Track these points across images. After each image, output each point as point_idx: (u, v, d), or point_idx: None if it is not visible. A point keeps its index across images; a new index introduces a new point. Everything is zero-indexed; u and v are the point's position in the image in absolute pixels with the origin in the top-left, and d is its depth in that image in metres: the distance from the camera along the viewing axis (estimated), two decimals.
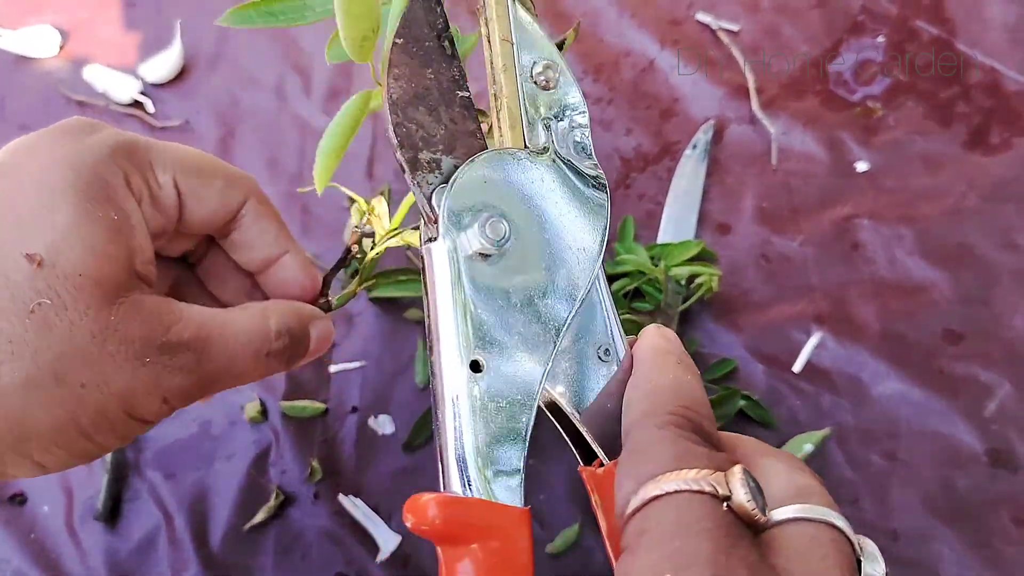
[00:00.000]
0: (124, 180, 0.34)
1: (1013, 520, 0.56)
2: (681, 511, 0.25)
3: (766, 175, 0.68)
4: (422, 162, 0.33)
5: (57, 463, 0.34)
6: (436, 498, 0.30)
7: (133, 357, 0.32)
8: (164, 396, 0.34)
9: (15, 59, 0.75)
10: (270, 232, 0.41)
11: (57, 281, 0.31)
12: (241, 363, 0.36)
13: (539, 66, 0.35)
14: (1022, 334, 0.61)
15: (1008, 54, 0.71)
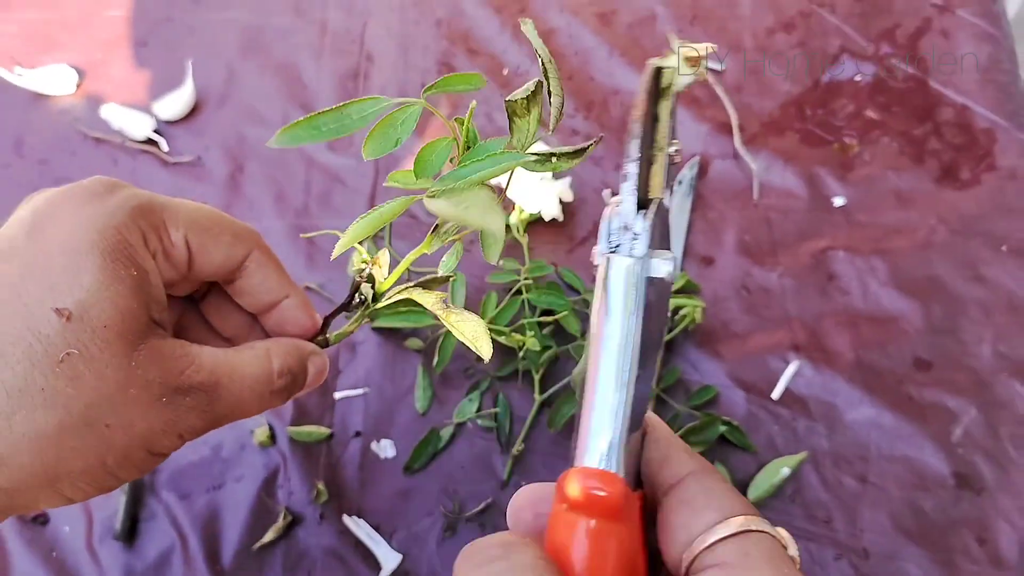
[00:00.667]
0: (142, 240, 0.38)
1: (977, 540, 0.59)
2: (774, 546, 0.32)
3: (748, 209, 0.71)
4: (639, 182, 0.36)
5: (83, 496, 0.37)
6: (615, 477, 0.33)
7: (153, 399, 0.36)
8: (180, 433, 0.37)
9: (33, 97, 0.78)
10: (272, 279, 0.44)
11: (85, 334, 0.34)
12: (247, 403, 0.40)
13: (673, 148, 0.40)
14: (988, 363, 0.64)
15: (979, 93, 0.75)
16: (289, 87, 0.78)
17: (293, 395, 0.43)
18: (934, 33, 0.78)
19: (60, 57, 0.80)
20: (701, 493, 0.34)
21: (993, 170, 0.72)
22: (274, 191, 0.73)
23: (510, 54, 0.79)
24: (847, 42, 0.78)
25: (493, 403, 0.64)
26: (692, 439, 0.60)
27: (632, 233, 0.35)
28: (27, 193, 0.74)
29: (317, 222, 0.72)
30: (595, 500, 0.33)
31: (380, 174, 0.74)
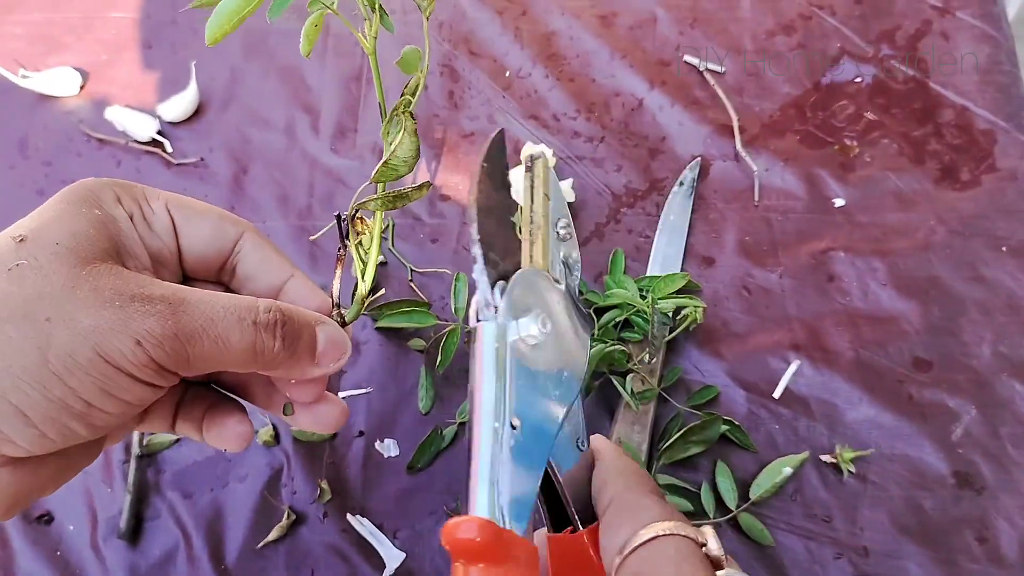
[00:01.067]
0: (115, 198, 0.39)
1: (977, 539, 0.60)
2: (679, 547, 0.33)
3: (748, 210, 0.72)
4: (490, 258, 0.40)
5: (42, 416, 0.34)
6: (481, 522, 0.35)
7: (102, 300, 0.34)
8: (136, 338, 0.34)
9: (38, 98, 0.79)
10: (272, 260, 0.43)
11: (36, 249, 0.34)
12: (222, 324, 0.36)
13: (562, 223, 0.45)
14: (988, 362, 0.65)
15: (978, 94, 0.76)
16: (292, 89, 0.79)
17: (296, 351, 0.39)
18: (934, 35, 0.79)
19: (65, 59, 0.80)
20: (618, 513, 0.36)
21: (993, 171, 0.72)
22: (277, 192, 0.74)
23: (512, 56, 0.79)
24: (847, 44, 0.78)
25: None
26: (693, 438, 0.61)
27: (493, 307, 0.39)
28: (32, 193, 0.74)
29: (320, 223, 0.72)
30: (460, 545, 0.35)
31: None
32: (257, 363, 0.38)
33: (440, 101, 0.78)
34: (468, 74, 0.79)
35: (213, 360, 0.37)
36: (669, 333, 0.65)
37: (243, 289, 0.44)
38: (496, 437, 0.37)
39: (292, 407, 0.44)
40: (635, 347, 0.64)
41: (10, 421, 0.33)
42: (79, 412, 0.34)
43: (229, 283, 0.44)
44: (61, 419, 0.34)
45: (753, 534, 0.59)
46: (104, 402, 0.34)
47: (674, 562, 0.32)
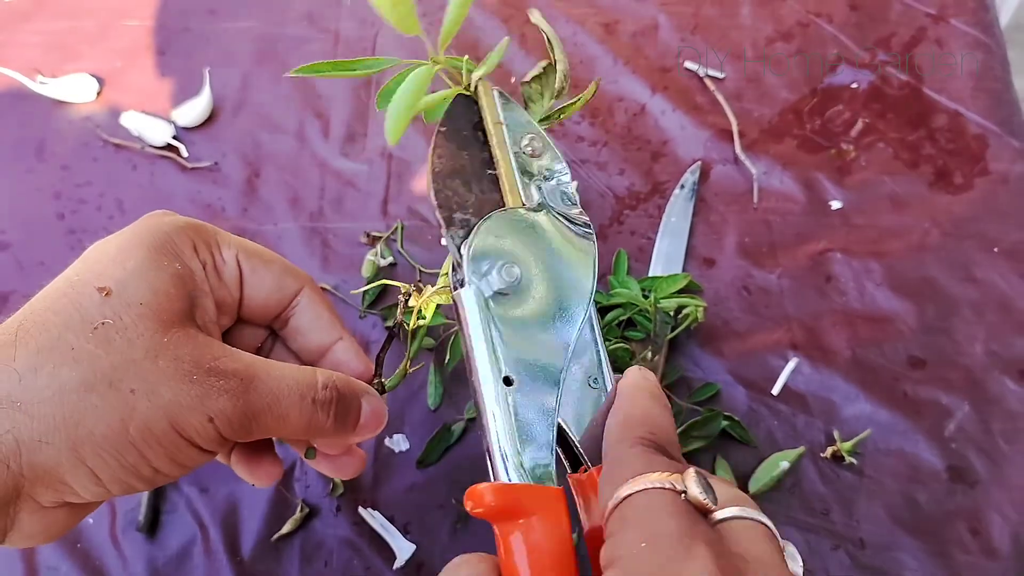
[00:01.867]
0: (191, 246, 0.40)
1: (970, 531, 0.61)
2: (651, 502, 0.32)
3: (748, 213, 0.74)
4: (456, 221, 0.40)
5: (112, 478, 0.36)
6: (490, 486, 0.37)
7: (182, 374, 0.36)
8: (209, 415, 0.36)
9: (55, 104, 0.81)
10: (324, 319, 0.45)
11: (121, 308, 0.36)
12: (285, 403, 0.39)
13: (526, 140, 0.43)
14: (980, 360, 0.67)
15: (971, 100, 0.78)
16: (303, 95, 0.81)
17: (345, 427, 0.42)
18: (928, 42, 0.81)
19: (81, 66, 0.82)
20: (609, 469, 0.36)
21: (985, 174, 0.74)
22: (289, 195, 0.76)
23: (517, 62, 0.81)
24: (844, 51, 0.80)
25: None
26: (695, 433, 0.63)
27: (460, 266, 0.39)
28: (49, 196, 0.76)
29: (331, 225, 0.74)
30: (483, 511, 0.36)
31: (392, 178, 0.76)
32: (308, 435, 0.42)
33: None
34: None
35: (272, 432, 0.40)
36: (671, 332, 0.67)
37: (293, 342, 0.46)
38: (499, 397, 0.38)
39: (315, 451, 0.47)
40: (638, 345, 0.66)
41: (82, 481, 0.36)
42: (146, 477, 0.37)
43: (280, 330, 0.47)
44: (128, 481, 0.37)
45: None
46: (170, 468, 0.37)
47: (641, 520, 0.31)
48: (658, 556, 0.30)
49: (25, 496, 0.35)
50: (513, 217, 0.41)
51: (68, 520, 0.39)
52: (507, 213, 0.41)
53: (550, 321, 0.40)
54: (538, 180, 0.43)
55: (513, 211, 0.41)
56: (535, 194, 0.42)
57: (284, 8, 0.85)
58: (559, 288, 0.41)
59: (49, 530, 0.38)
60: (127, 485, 0.37)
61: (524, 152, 0.43)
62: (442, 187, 0.41)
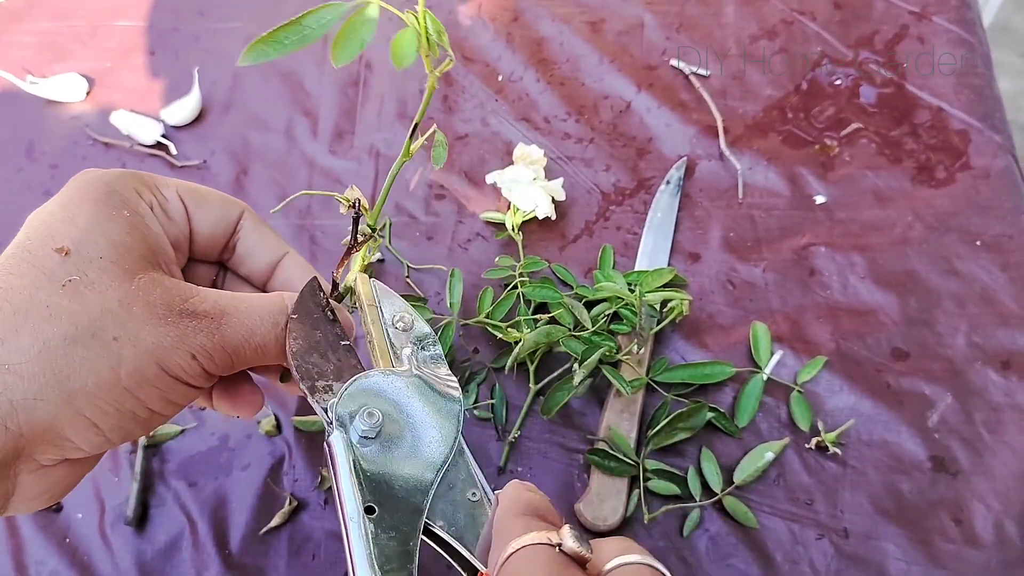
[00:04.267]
0: (134, 192, 0.41)
1: (953, 520, 0.62)
2: (529, 556, 0.34)
3: (732, 208, 0.74)
4: (319, 388, 0.44)
5: (112, 426, 0.37)
6: None
7: (157, 317, 0.37)
8: (192, 353, 0.38)
9: (45, 104, 0.81)
10: (269, 237, 0.47)
11: (83, 263, 0.37)
12: (260, 333, 0.41)
13: (396, 317, 0.48)
14: (962, 352, 0.67)
15: (954, 95, 0.79)
16: (291, 94, 0.82)
17: None
18: (911, 39, 0.82)
19: (71, 66, 0.83)
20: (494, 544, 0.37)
21: (968, 169, 0.75)
22: (278, 192, 0.76)
23: (504, 61, 0.82)
24: (827, 48, 0.81)
25: (489, 393, 0.67)
26: (680, 425, 0.63)
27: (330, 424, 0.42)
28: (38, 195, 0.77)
29: (319, 222, 0.75)
30: None
31: (379, 176, 0.77)
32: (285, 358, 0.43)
33: (434, 104, 0.81)
34: (462, 78, 0.82)
35: (253, 362, 0.42)
36: (657, 325, 0.67)
37: (242, 267, 0.48)
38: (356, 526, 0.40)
39: (289, 374, 0.47)
40: (624, 339, 0.66)
41: (83, 433, 0.37)
42: (143, 419, 0.38)
43: (228, 260, 0.48)
44: (127, 427, 0.38)
45: (738, 516, 0.62)
46: (165, 408, 0.39)
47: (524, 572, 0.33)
48: None
49: (25, 456, 0.36)
50: (377, 376, 0.44)
51: (69, 478, 0.40)
52: (371, 373, 0.44)
53: (412, 456, 0.43)
54: (412, 349, 0.47)
55: (380, 371, 0.44)
56: (405, 362, 0.46)
57: (273, 8, 0.86)
58: (421, 435, 0.43)
59: (52, 490, 0.39)
60: (126, 431, 0.38)
61: (395, 326, 0.48)
62: (302, 363, 0.44)
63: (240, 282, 0.49)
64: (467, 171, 0.77)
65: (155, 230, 0.41)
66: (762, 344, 0.67)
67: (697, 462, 0.64)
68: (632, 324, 0.66)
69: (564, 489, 0.64)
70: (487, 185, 0.75)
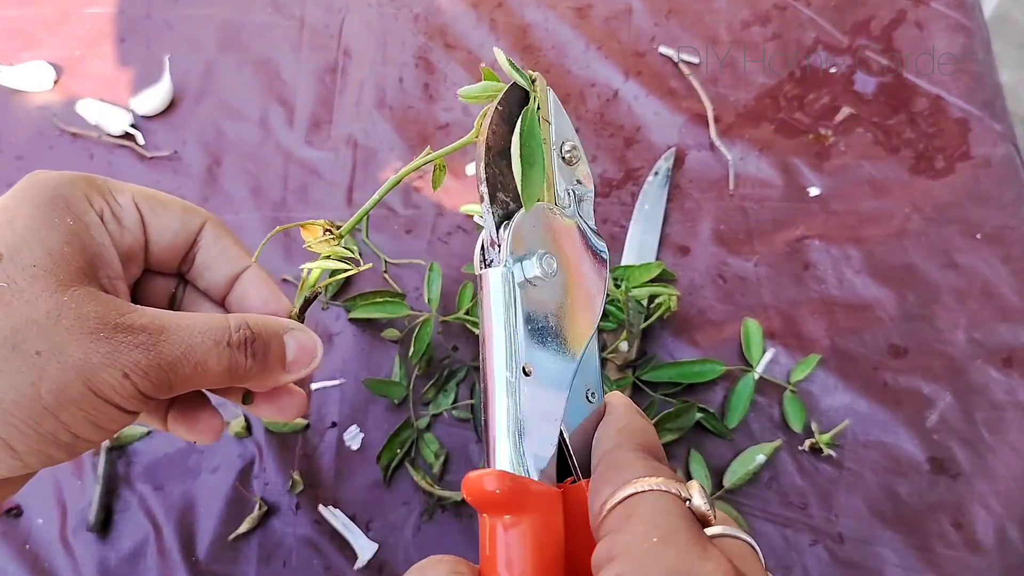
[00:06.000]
0: (84, 198, 0.38)
1: (953, 524, 0.59)
2: (658, 502, 0.32)
3: (724, 199, 0.72)
4: (498, 199, 0.39)
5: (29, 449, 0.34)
6: (496, 473, 0.34)
7: (88, 331, 0.34)
8: (124, 371, 0.34)
9: (10, 93, 0.78)
10: (230, 249, 0.44)
11: (15, 271, 0.34)
12: (201, 351, 0.37)
13: (567, 146, 0.42)
14: (962, 348, 0.65)
15: (952, 83, 0.76)
16: (267, 82, 0.79)
17: (267, 363, 0.40)
18: (908, 25, 0.79)
19: (39, 54, 0.80)
20: (604, 472, 0.35)
21: (967, 159, 0.72)
22: (251, 185, 0.74)
23: (487, 48, 0.79)
24: (822, 34, 0.78)
25: (469, 393, 0.64)
26: (668, 426, 0.60)
27: (496, 247, 0.38)
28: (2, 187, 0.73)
29: (295, 215, 0.72)
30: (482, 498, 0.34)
31: (357, 167, 0.74)
32: (233, 381, 0.39)
33: (416, 92, 0.78)
34: (444, 66, 0.79)
35: (193, 383, 0.38)
36: (644, 321, 0.64)
37: (201, 279, 0.44)
38: (510, 386, 0.37)
39: (252, 395, 0.44)
40: (610, 335, 0.64)
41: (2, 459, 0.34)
42: (66, 444, 0.35)
43: (188, 272, 0.44)
44: (47, 451, 0.35)
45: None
46: (90, 433, 0.35)
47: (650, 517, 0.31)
48: (671, 552, 0.29)
49: None
50: (551, 213, 0.40)
51: None
52: (544, 207, 0.40)
53: (567, 323, 0.39)
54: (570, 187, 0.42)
55: (550, 207, 0.40)
56: (565, 198, 0.42)
57: None
58: (578, 295, 0.40)
59: None
60: (46, 456, 0.35)
61: (563, 156, 0.42)
62: (491, 163, 0.39)
63: (200, 296, 0.46)
64: (448, 162, 0.74)
65: (99, 240, 0.38)
66: (754, 341, 0.65)
67: (685, 465, 0.61)
68: (619, 320, 0.63)
69: None
70: (468, 176, 0.72)
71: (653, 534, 0.30)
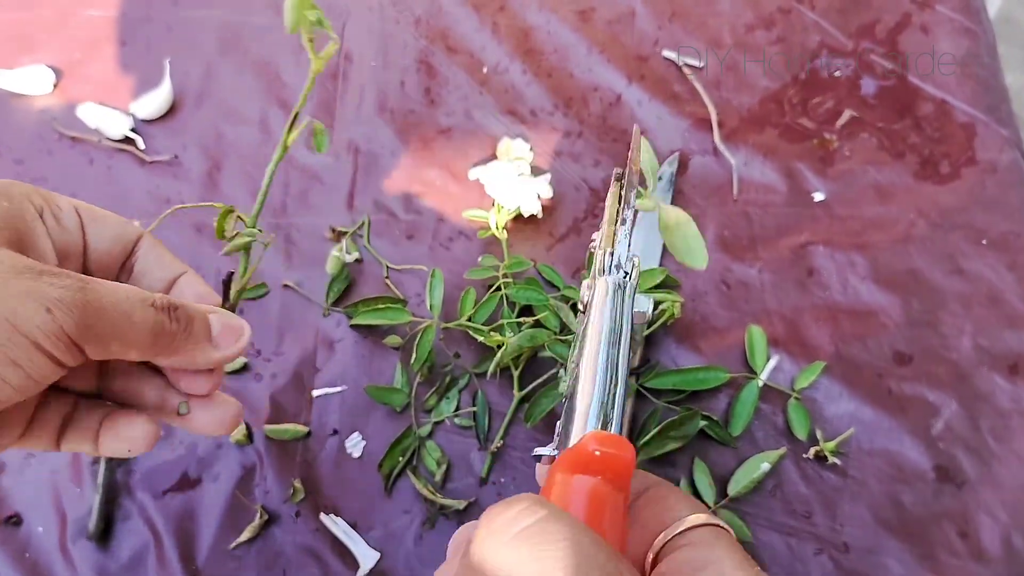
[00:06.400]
0: (24, 195, 0.39)
1: (959, 533, 0.59)
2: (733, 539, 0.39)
3: (727, 205, 0.71)
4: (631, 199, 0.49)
5: None
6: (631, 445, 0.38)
7: (15, 271, 0.34)
8: (47, 305, 0.34)
9: (10, 96, 0.78)
10: (167, 257, 0.45)
11: None
12: (126, 304, 0.37)
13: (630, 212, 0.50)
14: (968, 356, 0.64)
15: (958, 87, 0.75)
16: (268, 85, 0.78)
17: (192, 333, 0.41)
18: (913, 28, 0.78)
19: (38, 57, 0.80)
20: (671, 495, 0.40)
21: (973, 164, 0.72)
22: (252, 189, 0.73)
23: (488, 52, 0.79)
24: (826, 38, 0.78)
25: (471, 400, 0.64)
26: (671, 434, 0.60)
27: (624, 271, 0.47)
28: None
29: (295, 220, 0.72)
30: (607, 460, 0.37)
31: (358, 172, 0.73)
32: (159, 342, 0.39)
33: (417, 97, 0.77)
34: (445, 70, 0.78)
35: (118, 336, 0.37)
36: (647, 328, 0.64)
37: (139, 284, 0.44)
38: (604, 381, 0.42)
39: (187, 405, 0.44)
40: None
41: None
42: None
43: (126, 281, 0.45)
44: None
45: (732, 531, 0.59)
46: (8, 373, 0.34)
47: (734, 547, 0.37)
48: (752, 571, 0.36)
49: None
50: None
51: None
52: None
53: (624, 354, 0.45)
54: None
55: None
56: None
57: None
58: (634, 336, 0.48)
59: None
60: None
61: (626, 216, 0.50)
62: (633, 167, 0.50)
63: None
64: (450, 166, 0.74)
65: (33, 227, 0.39)
66: (758, 348, 0.64)
67: (689, 473, 0.60)
68: None
69: None
70: (470, 181, 0.71)
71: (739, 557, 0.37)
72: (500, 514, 0.33)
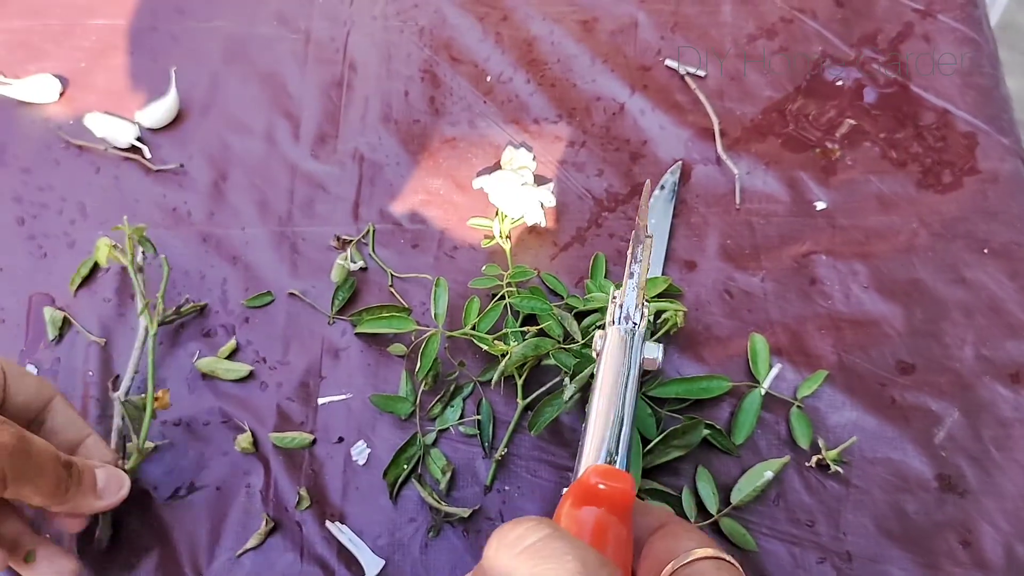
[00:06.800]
0: None
1: (961, 542, 0.59)
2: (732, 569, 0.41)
3: (730, 214, 0.71)
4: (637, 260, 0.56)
5: None
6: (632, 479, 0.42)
7: None
8: None
9: (17, 105, 0.78)
10: (75, 420, 0.54)
11: None
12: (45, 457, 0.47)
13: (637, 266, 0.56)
14: (970, 365, 0.64)
15: (959, 96, 0.76)
16: (273, 95, 0.79)
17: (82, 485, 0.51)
18: (915, 38, 0.79)
19: (45, 66, 0.80)
20: (683, 529, 0.44)
21: (975, 173, 0.72)
22: (257, 199, 0.73)
23: (492, 61, 0.79)
24: (829, 47, 0.78)
25: (476, 408, 0.64)
26: (675, 442, 0.60)
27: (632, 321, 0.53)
28: (8, 201, 0.74)
29: (301, 229, 0.72)
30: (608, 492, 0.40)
31: (363, 181, 0.74)
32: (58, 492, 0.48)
33: (421, 106, 0.78)
34: (449, 79, 0.79)
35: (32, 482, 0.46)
36: (651, 337, 0.64)
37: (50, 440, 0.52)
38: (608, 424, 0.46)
39: (35, 554, 0.51)
40: None
41: None
42: None
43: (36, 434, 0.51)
44: None
45: (735, 539, 0.59)
46: None
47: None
48: None
49: None
50: None
51: None
52: None
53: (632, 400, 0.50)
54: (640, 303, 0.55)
55: None
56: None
57: (254, 7, 0.83)
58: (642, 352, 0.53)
59: None
60: None
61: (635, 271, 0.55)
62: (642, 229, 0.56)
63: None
64: (454, 176, 0.74)
65: None
66: (760, 357, 0.64)
67: (692, 481, 0.61)
68: None
69: (553, 509, 0.61)
70: (475, 191, 0.72)
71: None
72: (510, 531, 0.35)
